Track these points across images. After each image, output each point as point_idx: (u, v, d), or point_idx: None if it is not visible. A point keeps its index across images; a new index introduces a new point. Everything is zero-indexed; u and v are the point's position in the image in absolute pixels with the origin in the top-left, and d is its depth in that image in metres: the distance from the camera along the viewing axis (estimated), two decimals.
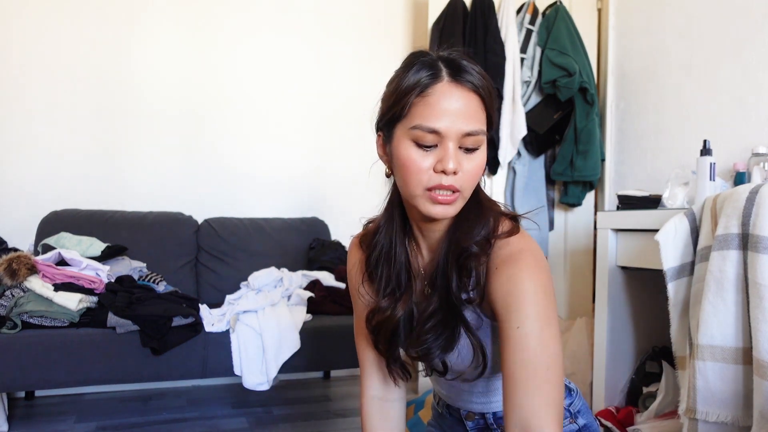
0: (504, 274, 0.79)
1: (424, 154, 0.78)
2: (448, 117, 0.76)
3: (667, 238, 1.50)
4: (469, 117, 0.77)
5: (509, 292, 0.78)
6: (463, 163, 0.78)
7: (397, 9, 3.14)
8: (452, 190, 0.78)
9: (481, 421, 1.00)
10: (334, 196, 3.03)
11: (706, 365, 1.33)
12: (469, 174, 0.79)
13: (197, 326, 2.02)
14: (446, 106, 0.76)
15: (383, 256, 0.90)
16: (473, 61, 0.80)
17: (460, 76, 0.77)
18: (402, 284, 0.89)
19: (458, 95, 0.77)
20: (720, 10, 2.12)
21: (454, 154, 0.77)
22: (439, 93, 0.76)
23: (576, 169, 2.56)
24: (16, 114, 2.58)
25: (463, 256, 0.82)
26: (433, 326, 0.85)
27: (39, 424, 2.18)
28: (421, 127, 0.77)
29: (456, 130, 0.77)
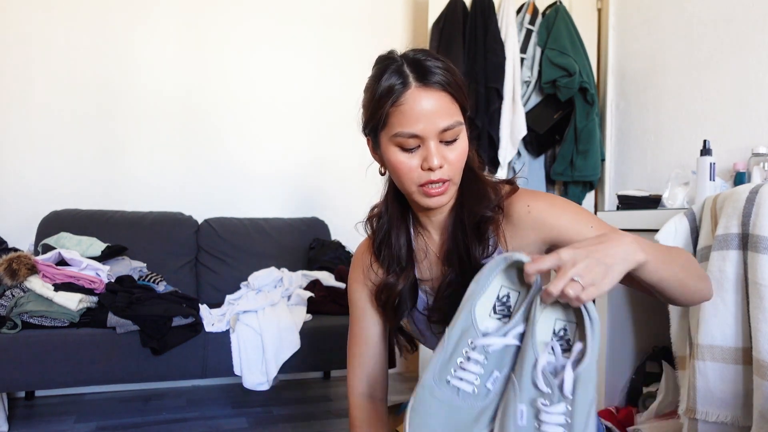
0: (542, 205, 0.90)
1: (410, 156, 0.86)
2: (423, 120, 0.83)
3: (667, 238, 1.50)
4: (441, 115, 0.83)
5: (562, 211, 0.90)
6: (447, 155, 0.86)
7: (397, 9, 3.14)
8: (442, 181, 0.86)
9: None
10: (335, 196, 3.03)
11: (706, 365, 1.33)
12: (454, 163, 0.86)
13: (197, 326, 2.02)
14: (419, 110, 0.83)
15: (385, 241, 0.99)
16: (437, 58, 0.86)
17: (426, 79, 0.83)
18: (402, 263, 0.97)
19: (428, 97, 0.83)
20: (720, 10, 2.12)
21: (436, 151, 0.84)
22: (411, 100, 0.83)
23: (576, 169, 2.56)
24: (17, 114, 2.58)
25: (482, 222, 0.90)
26: (451, 294, 0.92)
27: (39, 424, 2.18)
28: (401, 134, 0.84)
29: (433, 129, 0.84)
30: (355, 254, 1.08)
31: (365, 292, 1.05)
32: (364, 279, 1.04)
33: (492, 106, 2.51)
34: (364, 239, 1.07)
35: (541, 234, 0.90)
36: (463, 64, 2.52)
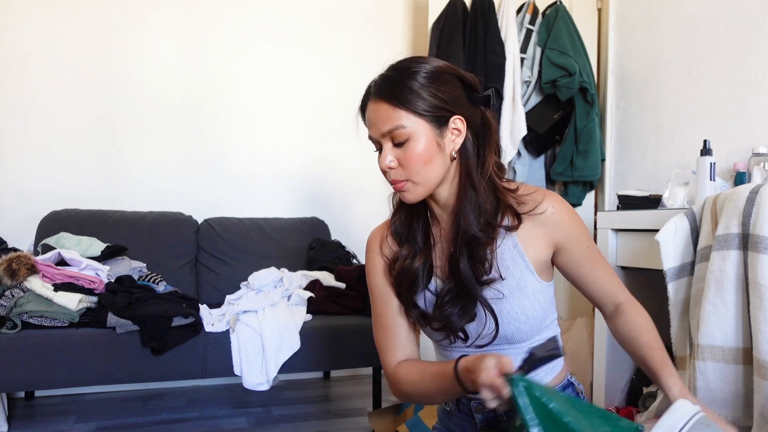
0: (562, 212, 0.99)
1: (378, 157, 0.96)
2: (372, 126, 0.95)
3: (668, 238, 1.50)
4: (382, 121, 0.92)
5: (574, 223, 1.00)
6: (400, 157, 0.93)
7: (397, 9, 3.14)
8: (398, 181, 0.94)
9: (491, 414, 1.01)
10: (335, 196, 3.03)
11: (706, 365, 1.33)
12: (406, 164, 0.92)
13: (197, 326, 2.02)
14: (368, 118, 0.95)
15: (406, 219, 1.05)
16: (400, 66, 0.95)
17: (374, 90, 0.94)
18: (419, 241, 1.03)
19: (371, 108, 0.94)
20: (720, 10, 2.12)
21: (386, 154, 0.93)
22: (367, 110, 0.96)
23: (576, 169, 2.56)
24: (17, 114, 2.58)
25: (472, 244, 0.95)
26: (450, 300, 0.98)
27: (39, 424, 2.18)
28: (369, 137, 0.97)
29: (377, 134, 0.94)
30: (369, 238, 1.11)
31: (382, 272, 1.06)
32: (380, 255, 1.06)
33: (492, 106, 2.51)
34: (378, 225, 1.13)
35: (555, 235, 0.99)
36: (463, 64, 2.51)
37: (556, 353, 0.77)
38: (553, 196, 1.00)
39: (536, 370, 0.78)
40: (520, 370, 0.75)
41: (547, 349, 0.78)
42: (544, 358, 0.77)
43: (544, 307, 1.00)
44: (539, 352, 0.77)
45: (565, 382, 1.04)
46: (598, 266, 1.03)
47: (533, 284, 0.99)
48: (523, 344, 1.00)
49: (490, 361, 0.77)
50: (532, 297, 0.98)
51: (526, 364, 0.76)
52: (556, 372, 1.02)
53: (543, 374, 1.00)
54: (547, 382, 1.01)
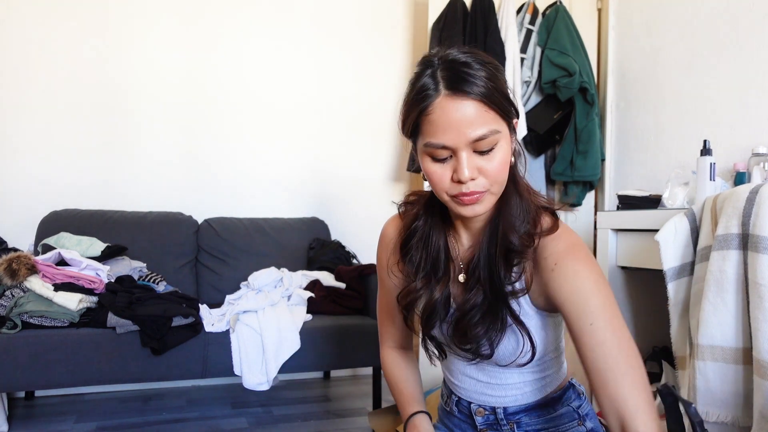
0: (566, 270, 0.82)
1: (442, 166, 0.81)
2: (452, 130, 0.77)
3: (667, 238, 1.50)
4: (472, 124, 0.77)
5: (576, 290, 0.81)
6: (483, 166, 0.80)
7: (397, 9, 3.14)
8: (475, 193, 0.81)
9: (491, 417, 1.00)
10: (334, 196, 3.03)
11: (706, 365, 1.33)
12: (491, 174, 0.80)
13: (197, 326, 2.02)
14: (448, 120, 0.77)
15: (422, 241, 0.93)
16: (473, 58, 0.80)
17: (456, 86, 0.77)
18: (439, 270, 0.93)
19: (457, 107, 0.77)
20: (720, 10, 2.12)
21: (468, 163, 0.79)
22: (440, 109, 0.78)
23: (576, 169, 2.56)
24: (16, 114, 2.58)
25: (510, 252, 0.85)
26: (481, 318, 0.88)
27: (39, 424, 2.18)
28: (431, 144, 0.79)
29: (463, 140, 0.78)
30: (382, 237, 1.03)
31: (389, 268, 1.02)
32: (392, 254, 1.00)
33: None
34: (391, 220, 1.03)
35: (549, 292, 0.85)
36: None
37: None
38: (570, 245, 0.84)
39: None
40: None
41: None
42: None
43: (548, 339, 0.93)
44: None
45: (567, 385, 1.03)
46: (607, 357, 0.77)
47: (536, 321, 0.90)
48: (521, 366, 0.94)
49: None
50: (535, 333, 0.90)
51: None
52: (557, 383, 1.01)
53: (547, 381, 0.99)
54: (552, 389, 1.00)
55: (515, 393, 0.98)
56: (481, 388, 0.99)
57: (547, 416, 0.98)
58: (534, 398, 0.98)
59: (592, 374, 0.79)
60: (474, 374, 1.00)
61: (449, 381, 1.07)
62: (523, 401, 0.98)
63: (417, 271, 0.94)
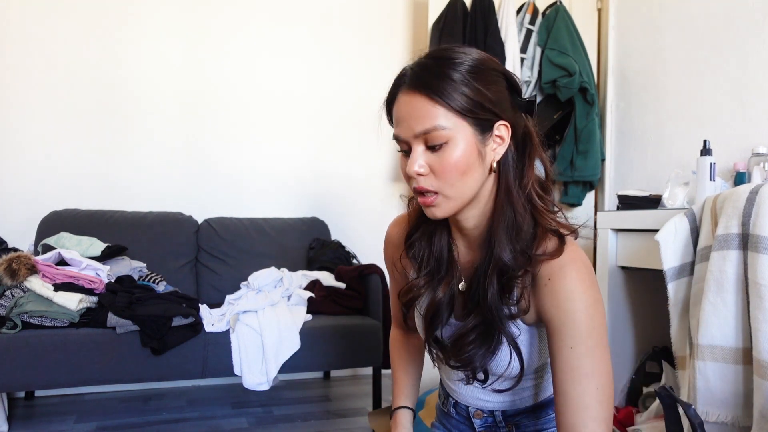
0: (556, 288, 0.79)
1: (405, 160, 0.81)
2: (402, 123, 0.79)
3: (667, 238, 1.50)
4: (417, 118, 0.77)
5: (562, 310, 0.78)
6: (432, 162, 0.78)
7: (397, 9, 3.14)
8: (423, 191, 0.80)
9: (490, 419, 1.00)
10: (334, 196, 3.03)
11: (706, 365, 1.33)
12: (439, 172, 0.78)
13: (197, 326, 2.02)
14: (399, 113, 0.80)
15: (426, 236, 0.91)
16: (448, 54, 0.79)
17: (413, 81, 0.78)
18: (441, 268, 0.90)
19: (405, 100, 0.79)
20: (720, 10, 2.12)
21: (417, 157, 0.78)
22: (398, 102, 0.80)
23: (576, 169, 2.56)
24: (16, 114, 2.58)
25: (505, 276, 0.81)
26: (474, 339, 0.85)
27: (39, 424, 2.18)
28: (394, 136, 0.82)
29: (410, 133, 0.78)
30: (388, 232, 1.02)
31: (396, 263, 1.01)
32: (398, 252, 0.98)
33: None
34: (397, 218, 1.02)
35: (539, 307, 0.82)
36: None
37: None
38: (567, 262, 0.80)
39: None
40: None
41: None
42: None
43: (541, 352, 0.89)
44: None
45: None
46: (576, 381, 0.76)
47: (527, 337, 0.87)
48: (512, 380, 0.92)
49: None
50: (528, 348, 0.87)
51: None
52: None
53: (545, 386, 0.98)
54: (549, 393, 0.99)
55: (513, 398, 0.98)
56: (479, 394, 0.99)
57: (545, 417, 0.98)
58: (532, 401, 0.98)
59: (558, 395, 0.78)
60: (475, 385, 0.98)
61: (446, 385, 1.07)
62: (520, 404, 0.98)
63: (420, 268, 0.91)
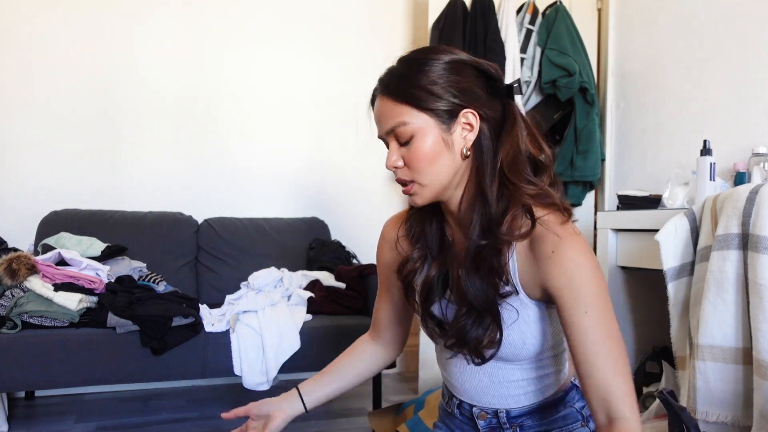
0: (561, 258, 0.83)
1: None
2: (377, 124, 0.90)
3: (668, 238, 1.50)
4: (384, 118, 0.88)
5: (571, 277, 0.82)
6: (404, 155, 0.88)
7: (397, 9, 3.14)
8: (402, 182, 0.90)
9: (494, 420, 1.00)
10: (334, 196, 3.03)
11: (706, 365, 1.33)
12: (410, 163, 0.87)
13: (197, 326, 2.02)
14: (375, 116, 0.91)
15: (418, 218, 0.99)
16: (405, 57, 0.89)
17: (379, 86, 0.89)
18: (433, 247, 0.97)
19: (377, 104, 0.89)
20: (720, 10, 2.12)
21: (392, 153, 0.89)
22: (374, 107, 0.91)
23: (576, 169, 2.56)
24: (16, 114, 2.58)
25: (478, 254, 0.87)
26: (467, 322, 0.90)
27: (39, 424, 2.18)
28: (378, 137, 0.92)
29: (381, 132, 0.90)
30: (385, 226, 1.09)
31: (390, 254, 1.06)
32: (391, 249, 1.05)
33: None
34: (391, 217, 1.10)
35: (545, 281, 0.85)
36: None
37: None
38: (567, 235, 0.84)
39: None
40: None
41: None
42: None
43: (548, 332, 0.92)
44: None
45: (570, 386, 1.02)
46: (598, 345, 0.81)
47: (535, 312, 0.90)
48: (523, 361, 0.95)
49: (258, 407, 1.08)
50: (534, 324, 0.90)
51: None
52: (560, 382, 1.01)
53: (550, 380, 0.98)
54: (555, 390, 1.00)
55: (517, 392, 0.97)
56: (483, 388, 0.99)
57: (550, 418, 0.98)
58: (536, 399, 0.98)
59: (581, 360, 0.82)
60: (475, 375, 0.99)
61: (449, 384, 1.06)
62: (525, 402, 0.98)
63: (414, 243, 0.99)
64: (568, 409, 0.99)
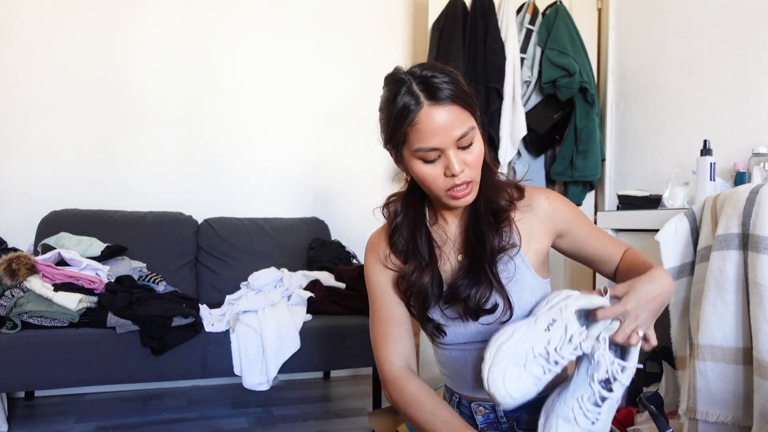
0: (558, 200, 1.06)
1: (433, 167, 0.92)
2: (439, 134, 0.89)
3: (668, 238, 1.50)
4: (454, 125, 0.89)
5: (569, 211, 1.06)
6: (466, 158, 0.92)
7: (397, 9, 3.14)
8: (466, 183, 0.93)
9: (491, 415, 1.02)
10: (334, 196, 3.03)
11: (706, 365, 1.33)
12: (473, 165, 0.93)
13: (197, 326, 2.02)
14: (434, 126, 0.89)
15: (407, 230, 1.05)
16: (442, 71, 0.91)
17: (436, 96, 0.89)
18: (425, 256, 1.02)
19: (440, 112, 0.89)
20: (720, 10, 2.12)
21: (456, 158, 0.91)
22: (426, 118, 0.89)
23: (576, 169, 2.56)
24: (16, 114, 2.58)
25: (497, 212, 1.00)
26: (464, 275, 0.99)
27: (39, 424, 2.18)
28: (421, 149, 0.91)
29: (449, 140, 0.90)
30: (370, 241, 1.11)
31: (385, 274, 1.06)
32: (383, 266, 1.07)
33: (492, 106, 2.51)
34: (377, 229, 1.12)
35: (555, 222, 1.03)
36: (463, 64, 2.51)
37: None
38: (546, 189, 1.06)
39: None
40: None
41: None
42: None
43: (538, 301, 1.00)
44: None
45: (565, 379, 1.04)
46: (600, 238, 1.08)
47: (530, 280, 1.00)
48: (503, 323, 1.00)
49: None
50: (530, 292, 0.99)
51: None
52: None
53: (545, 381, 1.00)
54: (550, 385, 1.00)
55: None
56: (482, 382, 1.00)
57: None
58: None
59: (598, 255, 1.08)
60: (475, 365, 1.00)
61: (449, 381, 1.08)
62: None
63: (407, 258, 1.03)
64: None
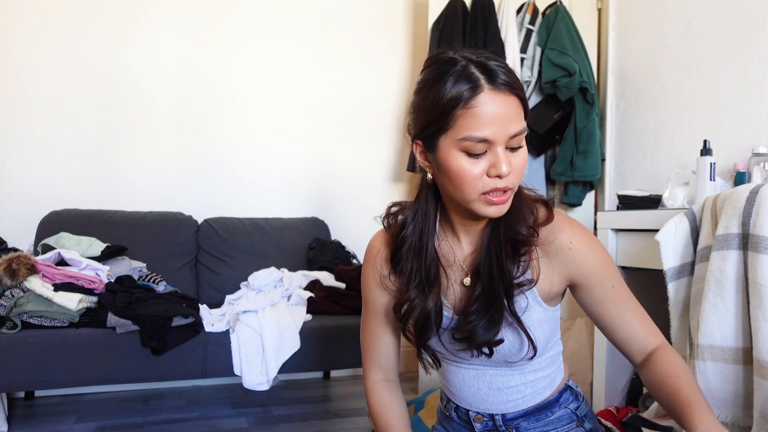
0: (583, 246, 0.90)
1: (476, 162, 0.81)
2: (495, 124, 0.78)
3: (668, 238, 1.50)
4: (512, 119, 0.80)
5: (594, 261, 0.90)
6: (512, 162, 0.82)
7: (397, 9, 3.14)
8: (505, 190, 0.82)
9: (490, 423, 1.00)
10: (334, 196, 3.03)
11: (706, 365, 1.33)
12: (517, 171, 0.83)
13: (197, 326, 2.02)
14: (492, 114, 0.78)
15: (413, 250, 0.93)
16: (499, 60, 0.82)
17: (497, 81, 0.79)
18: (431, 278, 0.92)
19: (501, 101, 0.79)
20: (720, 10, 2.12)
21: (502, 157, 0.80)
22: (483, 103, 0.78)
23: (576, 169, 2.56)
24: (16, 113, 2.58)
25: (518, 242, 0.88)
26: (477, 310, 0.89)
27: (39, 424, 2.18)
28: (470, 138, 0.79)
29: (504, 135, 0.79)
30: (369, 251, 1.02)
31: (379, 291, 1.00)
32: (379, 284, 1.00)
33: None
34: (377, 234, 1.02)
35: (571, 271, 0.91)
36: None
37: None
38: (573, 225, 0.90)
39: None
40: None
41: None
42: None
43: (548, 334, 0.94)
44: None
45: (564, 387, 1.02)
46: (625, 309, 0.91)
47: (539, 314, 0.92)
48: (523, 365, 0.96)
49: None
50: (538, 327, 0.92)
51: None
52: (556, 384, 1.01)
53: (547, 382, 0.99)
54: (551, 391, 1.00)
55: (516, 397, 0.98)
56: (482, 396, 0.99)
57: (545, 419, 0.98)
58: (533, 401, 0.98)
59: (617, 331, 0.92)
60: (473, 383, 0.99)
61: (447, 391, 1.06)
62: (522, 405, 0.98)
63: (409, 281, 0.93)
64: (563, 410, 0.99)
